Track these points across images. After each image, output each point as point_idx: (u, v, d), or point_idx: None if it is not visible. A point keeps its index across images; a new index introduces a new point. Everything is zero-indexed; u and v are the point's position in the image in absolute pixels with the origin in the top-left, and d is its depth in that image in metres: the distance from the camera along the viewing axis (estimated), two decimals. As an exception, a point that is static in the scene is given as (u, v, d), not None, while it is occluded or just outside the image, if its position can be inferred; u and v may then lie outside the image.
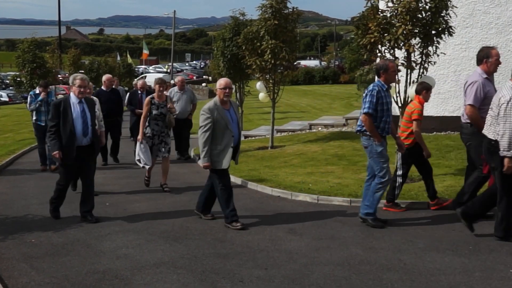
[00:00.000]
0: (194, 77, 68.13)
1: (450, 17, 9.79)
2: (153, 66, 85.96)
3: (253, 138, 17.54)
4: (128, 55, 54.42)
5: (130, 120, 14.64)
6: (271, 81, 14.56)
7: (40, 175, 12.50)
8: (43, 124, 12.74)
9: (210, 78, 55.85)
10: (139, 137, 10.24)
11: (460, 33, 13.98)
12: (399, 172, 8.62)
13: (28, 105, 13.27)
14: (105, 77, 14.19)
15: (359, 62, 41.41)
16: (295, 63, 16.16)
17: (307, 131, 17.42)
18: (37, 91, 13.14)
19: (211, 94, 47.62)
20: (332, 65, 71.54)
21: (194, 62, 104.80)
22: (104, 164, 13.56)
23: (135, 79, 35.18)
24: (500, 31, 14.39)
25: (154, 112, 10.31)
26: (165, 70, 77.69)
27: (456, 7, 10.01)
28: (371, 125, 7.70)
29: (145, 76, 60.27)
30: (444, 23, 9.65)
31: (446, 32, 9.74)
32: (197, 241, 7.35)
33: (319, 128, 17.64)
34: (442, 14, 9.64)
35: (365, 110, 7.67)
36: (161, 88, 10.40)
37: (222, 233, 7.65)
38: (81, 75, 8.54)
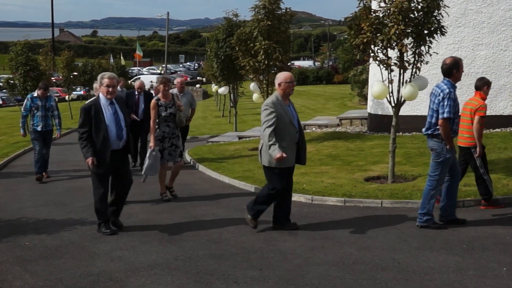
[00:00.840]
0: (188, 79, 68.02)
1: (442, 16, 9.81)
2: (147, 67, 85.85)
3: (248, 139, 17.54)
4: (122, 57, 54.36)
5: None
6: (264, 82, 14.56)
7: (34, 178, 12.45)
8: (39, 130, 12.21)
9: (204, 79, 55.79)
10: (152, 144, 9.45)
11: (453, 32, 14.02)
12: (482, 170, 8.32)
13: (22, 108, 12.64)
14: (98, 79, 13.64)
15: (352, 62, 41.53)
16: (289, 63, 16.16)
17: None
18: (35, 94, 12.38)
19: (205, 95, 47.60)
20: (326, 65, 71.59)
21: (188, 63, 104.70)
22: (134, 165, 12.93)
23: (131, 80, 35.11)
24: (492, 30, 14.44)
25: (164, 113, 9.66)
26: (159, 71, 77.62)
27: (448, 6, 10.03)
28: (448, 130, 7.35)
29: (139, 78, 60.42)
30: (436, 22, 9.67)
31: (439, 32, 9.76)
32: (191, 242, 7.34)
33: (313, 129, 17.66)
34: (434, 14, 9.66)
35: (445, 115, 7.28)
36: (166, 88, 9.79)
37: (216, 234, 7.64)
38: (108, 74, 8.03)
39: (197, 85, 52.66)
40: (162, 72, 68.40)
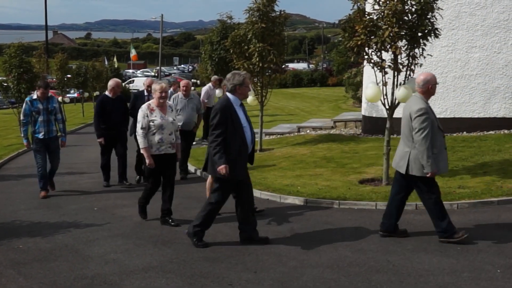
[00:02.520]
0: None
1: (436, 19, 9.84)
2: (141, 70, 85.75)
3: None
4: (115, 59, 54.26)
5: (131, 129, 11.80)
6: (259, 84, 14.57)
7: (28, 181, 12.41)
8: (42, 137, 10.55)
9: (198, 81, 55.79)
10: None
11: (447, 35, 14.06)
12: None
13: (21, 115, 10.81)
14: (113, 82, 11.66)
15: (346, 64, 41.61)
16: (283, 66, 16.16)
17: (296, 134, 17.44)
18: (35, 96, 10.58)
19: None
20: (320, 67, 71.72)
21: (182, 65, 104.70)
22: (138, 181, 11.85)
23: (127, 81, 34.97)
24: (486, 32, 14.49)
25: None
26: (153, 74, 77.55)
27: (442, 9, 10.06)
28: None
29: (133, 81, 60.30)
30: (430, 25, 9.70)
31: (432, 34, 9.78)
32: (186, 245, 7.33)
33: (308, 131, 17.67)
34: (428, 16, 9.68)
35: None
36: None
37: (211, 237, 7.62)
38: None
39: (192, 88, 52.67)
40: (156, 74, 68.34)
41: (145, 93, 11.81)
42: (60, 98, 32.80)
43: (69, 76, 32.09)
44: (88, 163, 14.80)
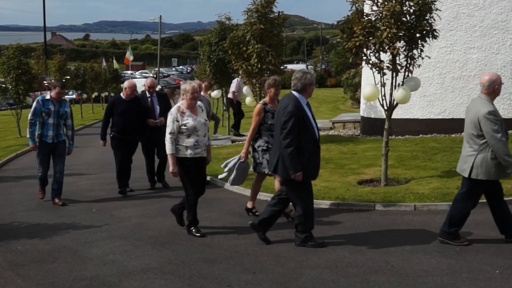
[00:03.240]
0: (181, 82, 67.97)
1: (434, 20, 9.85)
2: (140, 71, 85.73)
3: (241, 142, 17.51)
4: (114, 61, 54.21)
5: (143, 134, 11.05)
6: (257, 85, 14.57)
7: (26, 182, 12.41)
8: (50, 142, 9.92)
9: (196, 83, 55.69)
10: (243, 153, 8.40)
11: (445, 36, 14.08)
12: None
13: (30, 114, 9.95)
14: (126, 83, 10.93)
15: (345, 65, 41.62)
16: (282, 67, 16.17)
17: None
18: (48, 96, 9.90)
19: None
20: (319, 68, 71.76)
21: (181, 67, 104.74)
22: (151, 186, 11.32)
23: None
24: (484, 33, 14.51)
25: (270, 121, 8.24)
26: (151, 75, 77.49)
27: (440, 10, 10.07)
28: None
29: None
30: (428, 26, 9.71)
31: (431, 35, 9.79)
32: (184, 246, 7.33)
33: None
34: (426, 17, 9.69)
35: None
36: (277, 91, 8.39)
37: (209, 238, 7.63)
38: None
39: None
40: (155, 76, 68.31)
41: (147, 94, 11.17)
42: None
43: (67, 77, 32.12)
44: (86, 164, 14.80)
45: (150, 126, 10.87)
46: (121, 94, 10.81)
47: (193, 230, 7.75)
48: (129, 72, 77.76)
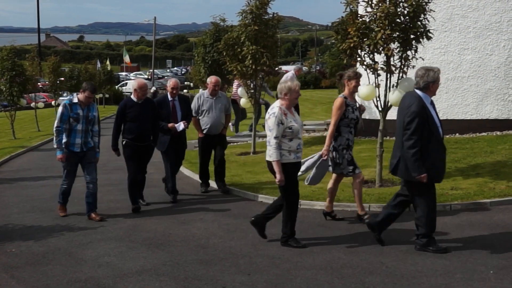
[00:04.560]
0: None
1: (428, 21, 9.87)
2: (134, 72, 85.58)
3: (235, 143, 17.53)
4: (108, 62, 54.16)
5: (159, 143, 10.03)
6: (252, 86, 14.58)
7: (21, 184, 12.39)
8: (78, 150, 8.92)
9: (191, 84, 55.77)
10: (324, 150, 7.98)
11: (439, 37, 14.11)
12: None
13: (56, 121, 8.91)
14: (135, 83, 9.70)
15: (340, 67, 41.63)
16: (276, 68, 16.18)
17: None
18: (75, 100, 8.90)
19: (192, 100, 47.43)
20: (313, 70, 71.81)
21: (175, 68, 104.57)
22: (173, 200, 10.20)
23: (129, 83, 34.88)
24: (478, 35, 14.56)
25: (351, 115, 8.04)
26: (146, 76, 77.38)
27: (434, 11, 10.09)
28: None
29: (126, 83, 60.16)
30: (422, 27, 9.73)
31: (425, 36, 9.82)
32: (179, 248, 7.33)
33: (301, 133, 17.67)
34: (420, 19, 9.72)
35: None
36: (358, 84, 8.13)
37: (204, 240, 7.64)
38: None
39: (185, 90, 52.62)
40: (150, 77, 68.22)
41: (169, 97, 10.12)
42: (53, 102, 32.83)
43: (61, 79, 32.02)
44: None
45: (171, 130, 9.94)
46: (132, 96, 9.64)
47: (293, 242, 7.27)
48: (123, 73, 77.79)
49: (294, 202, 7.31)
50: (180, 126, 9.95)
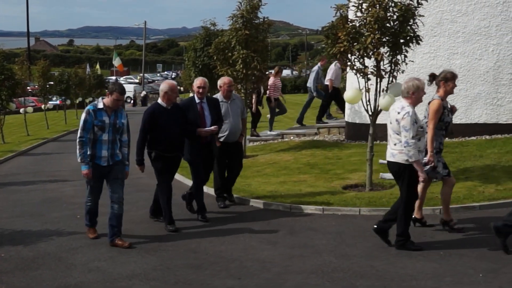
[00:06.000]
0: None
1: (418, 26, 9.94)
2: (124, 77, 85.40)
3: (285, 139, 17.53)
4: (98, 66, 53.97)
5: (185, 148, 8.87)
6: (243, 90, 14.59)
7: (10, 189, 12.31)
8: (105, 164, 7.65)
9: (182, 88, 55.71)
10: (430, 157, 7.44)
11: (428, 41, 14.19)
12: None
13: (80, 130, 7.55)
14: (165, 86, 8.44)
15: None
16: (267, 72, 16.22)
17: (279, 140, 17.45)
18: (101, 105, 7.56)
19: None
20: (304, 74, 71.93)
21: (166, 72, 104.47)
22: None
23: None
24: (467, 39, 14.64)
25: (446, 118, 7.73)
26: (136, 81, 77.27)
27: (423, 16, 10.16)
28: None
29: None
30: (412, 32, 9.80)
31: (414, 41, 9.88)
32: (169, 252, 7.32)
33: (291, 137, 17.69)
34: (410, 23, 9.78)
35: None
36: (453, 85, 7.83)
37: (195, 244, 7.63)
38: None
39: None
40: (139, 81, 68.04)
41: (196, 99, 9.04)
42: (42, 106, 32.68)
43: (51, 83, 31.91)
44: (70, 170, 14.69)
45: (202, 136, 8.87)
46: (159, 101, 8.44)
47: (411, 245, 7.09)
48: (114, 78, 77.54)
49: (413, 205, 7.33)
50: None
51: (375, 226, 7.38)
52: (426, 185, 7.95)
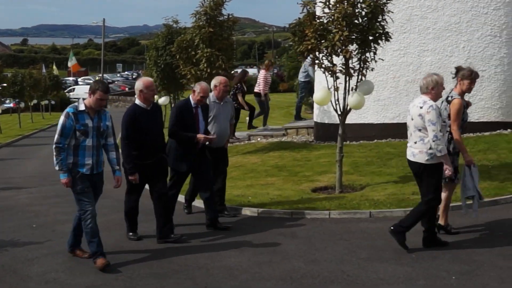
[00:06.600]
0: (127, 89, 67.28)
1: (387, 22, 10.05)
2: (82, 77, 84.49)
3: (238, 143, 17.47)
4: (55, 66, 53.34)
5: (170, 154, 8.52)
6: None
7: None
8: (89, 173, 7.08)
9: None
10: (469, 158, 7.35)
11: (398, 38, 14.37)
12: None
13: (56, 135, 6.98)
14: (141, 84, 7.86)
15: (298, 69, 41.94)
16: (232, 71, 16.25)
17: (246, 142, 17.48)
18: (82, 106, 6.99)
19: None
20: (271, 73, 72.04)
21: (126, 72, 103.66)
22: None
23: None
24: (438, 36, 14.87)
25: (466, 117, 7.79)
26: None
27: (392, 12, 10.28)
28: None
29: (74, 89, 59.30)
30: (381, 28, 9.90)
31: (383, 38, 9.99)
32: (132, 261, 7.25)
33: (258, 139, 17.73)
34: (379, 20, 9.89)
35: None
36: (469, 86, 7.71)
37: (159, 252, 7.58)
38: None
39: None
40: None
41: (192, 103, 8.62)
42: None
43: (4, 85, 31.42)
44: (25, 177, 14.51)
45: (199, 142, 8.50)
46: (137, 101, 7.97)
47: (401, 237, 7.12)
48: (71, 78, 76.68)
49: (433, 207, 7.22)
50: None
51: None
52: (451, 190, 7.81)
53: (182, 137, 8.44)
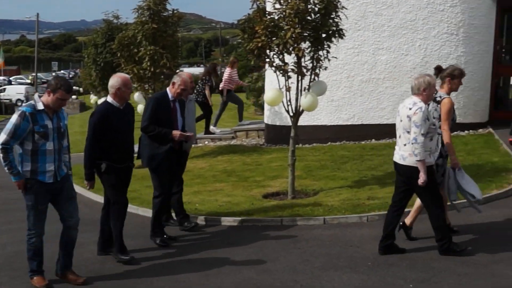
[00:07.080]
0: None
1: (341, 19, 10.15)
2: (14, 76, 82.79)
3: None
4: (-17, 65, 52.12)
5: (143, 152, 8.46)
6: (150, 91, 14.47)
7: None
8: (52, 181, 6.56)
9: (81, 89, 54.58)
10: (456, 160, 7.59)
11: (352, 36, 14.56)
12: None
13: (5, 135, 6.34)
14: (119, 81, 7.42)
15: (247, 68, 42.06)
16: (177, 70, 16.17)
17: (192, 146, 17.42)
18: (41, 106, 6.42)
19: (83, 107, 46.49)
20: (219, 72, 72.08)
21: (62, 71, 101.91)
22: None
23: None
24: (393, 33, 15.12)
25: (455, 117, 8.00)
26: (28, 81, 75.00)
27: (346, 8, 10.39)
28: None
29: (5, 89, 58.01)
30: (334, 25, 10.00)
31: (337, 35, 10.08)
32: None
33: (206, 142, 17.70)
34: (332, 16, 9.98)
35: None
36: (459, 83, 7.81)
37: (98, 264, 7.47)
38: None
39: (73, 96, 51.42)
40: (32, 82, 66.15)
41: (170, 96, 8.32)
42: None
43: None
44: None
45: (175, 139, 8.22)
46: (110, 99, 7.51)
47: (455, 246, 7.21)
48: (1, 78, 74.96)
49: (441, 205, 7.26)
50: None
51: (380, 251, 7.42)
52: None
53: (156, 133, 8.12)
